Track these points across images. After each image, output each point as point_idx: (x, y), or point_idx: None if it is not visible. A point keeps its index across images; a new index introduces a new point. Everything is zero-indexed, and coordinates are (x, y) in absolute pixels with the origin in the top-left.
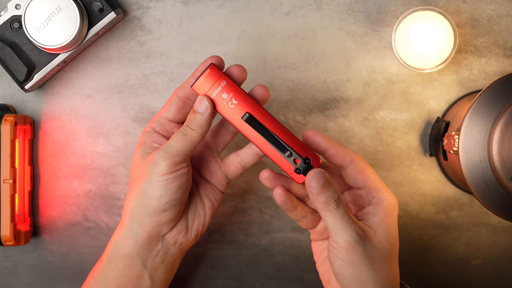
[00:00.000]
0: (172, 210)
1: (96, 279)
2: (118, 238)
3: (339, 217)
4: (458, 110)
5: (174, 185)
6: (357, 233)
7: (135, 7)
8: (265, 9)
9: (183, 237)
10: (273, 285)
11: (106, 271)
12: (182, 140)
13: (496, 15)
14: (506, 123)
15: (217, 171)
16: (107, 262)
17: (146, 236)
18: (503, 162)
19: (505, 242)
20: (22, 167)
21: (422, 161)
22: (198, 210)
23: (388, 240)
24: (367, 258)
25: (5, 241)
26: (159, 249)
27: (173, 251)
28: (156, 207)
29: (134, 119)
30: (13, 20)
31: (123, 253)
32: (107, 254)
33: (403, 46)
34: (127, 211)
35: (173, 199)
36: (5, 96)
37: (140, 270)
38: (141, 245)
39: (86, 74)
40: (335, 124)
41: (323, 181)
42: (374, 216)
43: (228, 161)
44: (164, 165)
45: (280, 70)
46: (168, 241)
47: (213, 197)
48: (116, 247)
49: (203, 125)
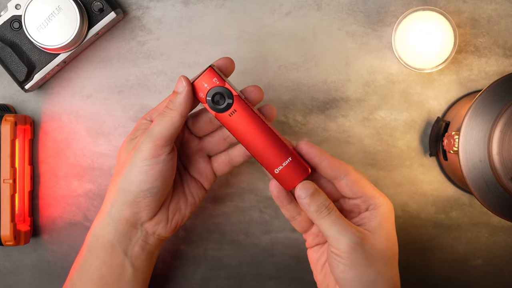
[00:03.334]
0: (151, 198)
1: (78, 271)
2: (98, 226)
3: (333, 221)
4: (458, 110)
5: (155, 171)
6: (355, 235)
7: (135, 7)
8: (265, 9)
9: (162, 228)
10: (273, 285)
11: (88, 261)
12: (161, 122)
13: (496, 15)
14: (506, 123)
15: (206, 169)
16: (87, 252)
17: (125, 223)
18: (503, 162)
19: (505, 242)
20: (22, 167)
21: (422, 161)
22: (180, 205)
23: (388, 242)
24: (368, 259)
25: (5, 241)
26: (138, 237)
27: (152, 240)
28: (135, 194)
29: (134, 119)
30: (13, 20)
31: (103, 241)
32: (87, 245)
33: (403, 46)
34: (108, 198)
35: (153, 186)
36: (5, 96)
37: (122, 258)
38: (120, 232)
39: (86, 74)
40: (335, 124)
41: (312, 190)
42: (372, 221)
43: (219, 159)
44: (145, 149)
45: (280, 70)
46: (148, 230)
47: (196, 194)
48: (95, 235)
49: (181, 103)
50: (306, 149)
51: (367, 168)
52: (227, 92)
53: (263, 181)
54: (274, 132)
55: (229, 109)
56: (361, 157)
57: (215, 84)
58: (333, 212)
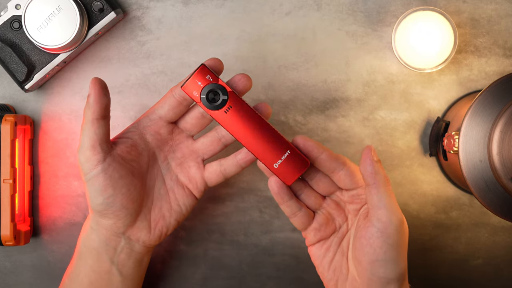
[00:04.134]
0: (113, 208)
1: (69, 277)
2: (84, 234)
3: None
4: (458, 110)
5: (99, 182)
6: (401, 215)
7: (135, 7)
8: (265, 9)
9: (146, 236)
10: (273, 285)
11: (78, 268)
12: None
13: (496, 15)
14: (506, 123)
15: (196, 177)
16: (77, 259)
17: (105, 232)
18: (503, 162)
19: (505, 242)
20: (22, 167)
21: (422, 161)
22: (164, 212)
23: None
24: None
25: (5, 241)
26: (123, 246)
27: (138, 248)
28: (96, 207)
29: (134, 119)
30: (13, 20)
31: (90, 248)
32: (77, 251)
33: (403, 46)
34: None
35: (105, 197)
36: (5, 96)
37: (108, 266)
38: (103, 240)
39: (86, 74)
40: (335, 124)
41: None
42: None
43: (211, 168)
44: (81, 165)
45: (280, 70)
46: (131, 238)
47: (183, 202)
48: (83, 242)
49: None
50: (303, 143)
51: None
52: (222, 88)
53: (263, 181)
54: (271, 126)
55: (225, 106)
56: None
57: (208, 82)
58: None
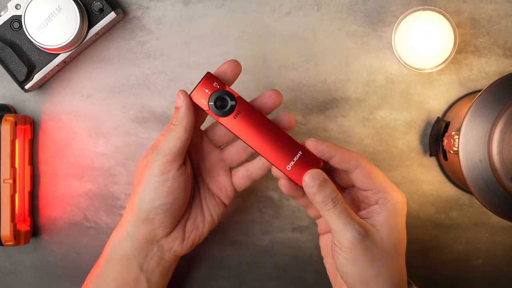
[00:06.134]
0: (164, 215)
1: (94, 282)
2: (116, 240)
3: (337, 215)
4: (458, 110)
5: (165, 188)
6: (357, 231)
7: (135, 7)
8: (265, 9)
9: (178, 246)
10: (273, 285)
11: (105, 273)
12: (168, 138)
13: (496, 15)
14: (506, 123)
15: (226, 184)
16: (105, 264)
17: (141, 239)
18: (503, 162)
19: (505, 242)
20: (22, 167)
21: (422, 161)
22: (198, 223)
23: (391, 240)
24: (368, 256)
25: (5, 241)
26: (154, 253)
27: (168, 256)
28: (148, 211)
29: (134, 119)
30: (13, 20)
31: (120, 254)
32: (105, 255)
33: (403, 46)
34: (126, 214)
35: (164, 202)
36: (5, 96)
37: (137, 273)
38: (137, 247)
39: (86, 74)
40: (335, 124)
41: (320, 180)
42: (379, 216)
43: (238, 174)
44: (154, 166)
45: (280, 70)
46: (164, 246)
47: (215, 211)
48: (113, 248)
49: (183, 118)
50: (315, 147)
51: None
52: (229, 94)
53: (263, 181)
54: (280, 129)
55: (233, 111)
56: None
57: (216, 88)
58: (339, 205)
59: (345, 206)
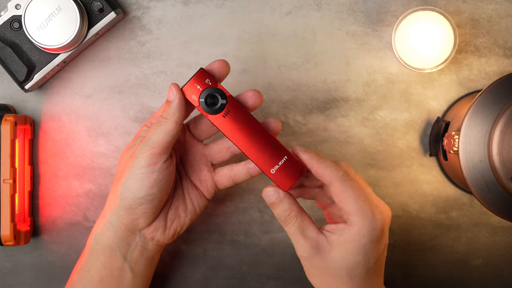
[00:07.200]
0: (147, 205)
1: (79, 273)
2: (98, 230)
3: (289, 232)
4: (458, 110)
5: (150, 179)
6: (305, 250)
7: (135, 7)
8: (265, 9)
9: (160, 235)
10: (273, 285)
11: (89, 264)
12: (157, 130)
13: (496, 15)
14: (506, 123)
15: (207, 179)
16: (89, 255)
17: (124, 228)
18: (503, 162)
19: (505, 242)
20: (22, 167)
21: (422, 161)
22: (179, 212)
23: (344, 263)
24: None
25: (5, 241)
26: (137, 243)
27: (151, 246)
28: (131, 200)
29: (134, 119)
30: (13, 20)
31: (103, 245)
32: (89, 247)
33: (403, 46)
34: (108, 204)
35: (149, 193)
36: (5, 96)
37: (121, 262)
38: (119, 237)
39: (86, 74)
40: (335, 124)
41: (272, 200)
42: (340, 236)
43: (222, 172)
44: (142, 157)
45: (280, 70)
46: (146, 236)
47: (197, 203)
48: (96, 239)
49: (174, 112)
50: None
51: (367, 168)
52: (221, 92)
53: (263, 181)
54: (268, 132)
55: (223, 110)
56: (361, 157)
57: (207, 85)
58: (290, 225)
59: (299, 224)
